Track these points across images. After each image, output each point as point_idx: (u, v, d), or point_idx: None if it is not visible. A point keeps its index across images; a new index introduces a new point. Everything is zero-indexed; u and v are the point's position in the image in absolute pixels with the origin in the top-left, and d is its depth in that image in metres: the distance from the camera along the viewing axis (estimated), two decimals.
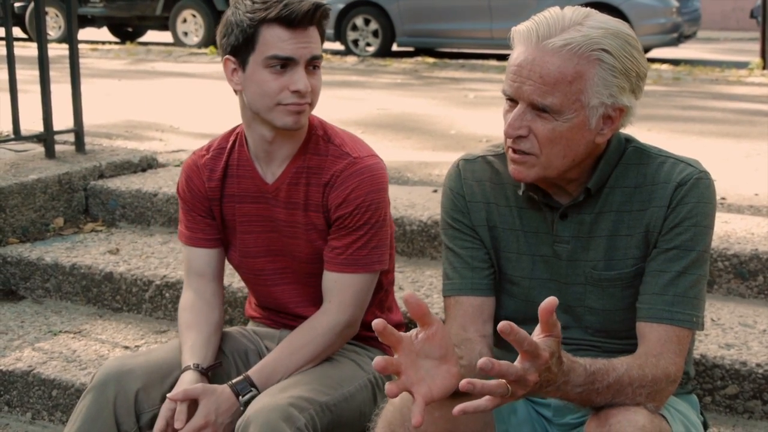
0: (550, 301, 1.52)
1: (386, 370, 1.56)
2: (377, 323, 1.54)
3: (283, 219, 2.31)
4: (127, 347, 3.08)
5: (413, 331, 1.61)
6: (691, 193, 1.84)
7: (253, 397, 2.13)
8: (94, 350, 3.05)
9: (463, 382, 1.49)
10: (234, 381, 2.18)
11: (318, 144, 2.28)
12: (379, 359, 1.54)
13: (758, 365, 2.55)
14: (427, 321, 1.60)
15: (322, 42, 2.21)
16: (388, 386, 1.57)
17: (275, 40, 2.12)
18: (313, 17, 2.14)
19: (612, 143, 1.90)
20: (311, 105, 2.20)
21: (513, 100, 1.81)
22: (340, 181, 2.23)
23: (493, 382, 1.51)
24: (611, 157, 1.90)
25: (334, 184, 2.24)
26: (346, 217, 2.23)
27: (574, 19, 1.77)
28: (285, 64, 2.13)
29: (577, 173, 1.89)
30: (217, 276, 2.44)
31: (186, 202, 2.41)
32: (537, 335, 1.56)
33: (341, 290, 2.25)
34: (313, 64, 2.17)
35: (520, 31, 1.80)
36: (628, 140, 1.94)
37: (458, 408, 1.53)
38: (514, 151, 1.84)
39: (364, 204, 2.22)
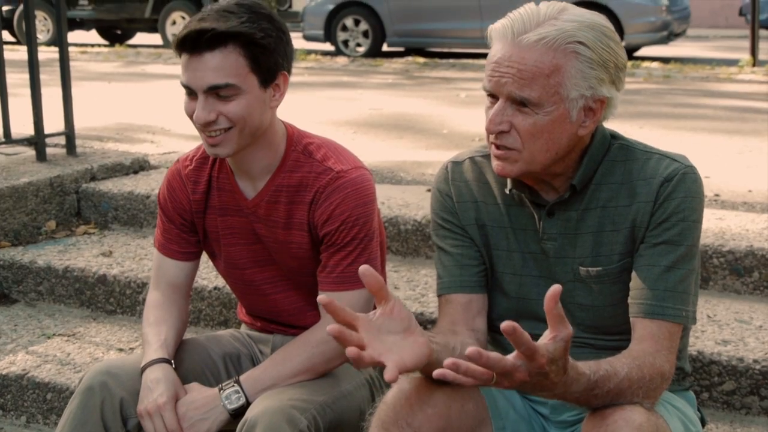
0: (554, 288, 1.50)
1: (342, 338, 1.52)
2: (321, 299, 1.52)
3: (265, 235, 2.26)
4: (121, 350, 3.06)
5: (371, 313, 1.61)
6: (678, 188, 1.83)
7: (242, 405, 2.10)
8: (88, 353, 3.04)
9: (448, 360, 1.46)
10: (223, 384, 2.15)
11: (298, 161, 2.20)
12: (332, 325, 1.52)
13: (755, 361, 2.55)
14: (383, 295, 1.61)
15: (257, 69, 2.01)
16: (349, 351, 1.51)
17: (182, 64, 2.01)
18: (199, 41, 1.94)
19: (596, 139, 1.89)
20: (241, 132, 2.05)
21: (493, 96, 1.82)
22: (324, 197, 2.15)
23: (478, 368, 1.48)
24: (596, 153, 1.89)
25: (318, 201, 2.16)
26: (332, 233, 2.16)
27: (548, 14, 1.78)
28: (190, 91, 2.00)
29: (561, 168, 1.88)
30: (188, 287, 2.38)
31: (165, 212, 2.34)
32: (546, 337, 1.54)
33: None
34: (217, 93, 2.00)
35: (496, 28, 1.82)
36: (614, 137, 1.93)
37: (437, 372, 1.48)
38: (497, 147, 1.84)
39: (350, 219, 2.15)
